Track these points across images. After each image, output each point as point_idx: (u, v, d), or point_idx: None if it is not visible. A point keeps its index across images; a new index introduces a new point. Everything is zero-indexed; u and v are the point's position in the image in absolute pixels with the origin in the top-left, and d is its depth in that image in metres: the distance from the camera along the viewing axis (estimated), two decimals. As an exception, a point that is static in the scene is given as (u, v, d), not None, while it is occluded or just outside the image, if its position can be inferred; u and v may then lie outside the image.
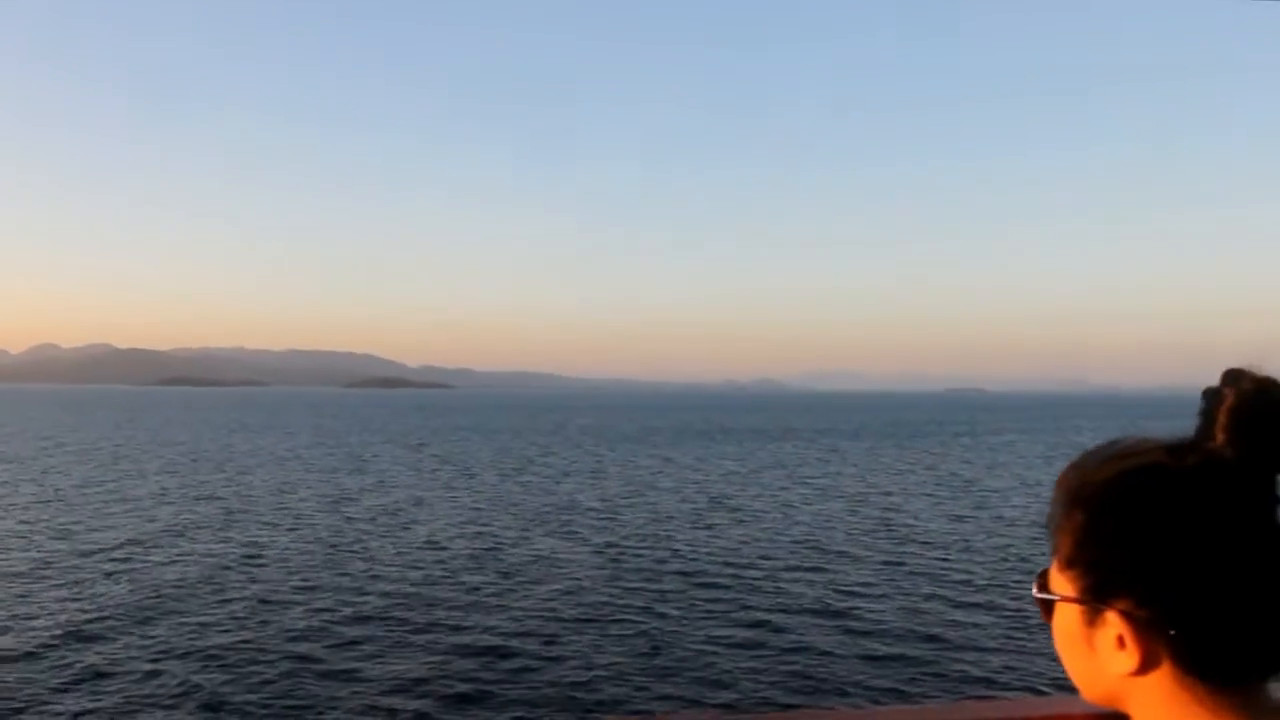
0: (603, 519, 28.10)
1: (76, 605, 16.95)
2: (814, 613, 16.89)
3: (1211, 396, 1.13)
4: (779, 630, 15.75)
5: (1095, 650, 1.14)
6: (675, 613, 16.83)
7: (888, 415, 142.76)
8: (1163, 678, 1.09)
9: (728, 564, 21.10)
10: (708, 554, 22.30)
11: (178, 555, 21.56)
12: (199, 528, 25.63)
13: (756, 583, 19.22)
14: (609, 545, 23.52)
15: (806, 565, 20.94)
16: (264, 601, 17.44)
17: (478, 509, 30.19)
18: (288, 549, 22.58)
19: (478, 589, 18.54)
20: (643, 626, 15.92)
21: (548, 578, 19.63)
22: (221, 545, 22.94)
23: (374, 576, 19.59)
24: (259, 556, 21.59)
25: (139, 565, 20.44)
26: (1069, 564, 1.16)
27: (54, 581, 18.75)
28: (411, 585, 18.83)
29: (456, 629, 15.68)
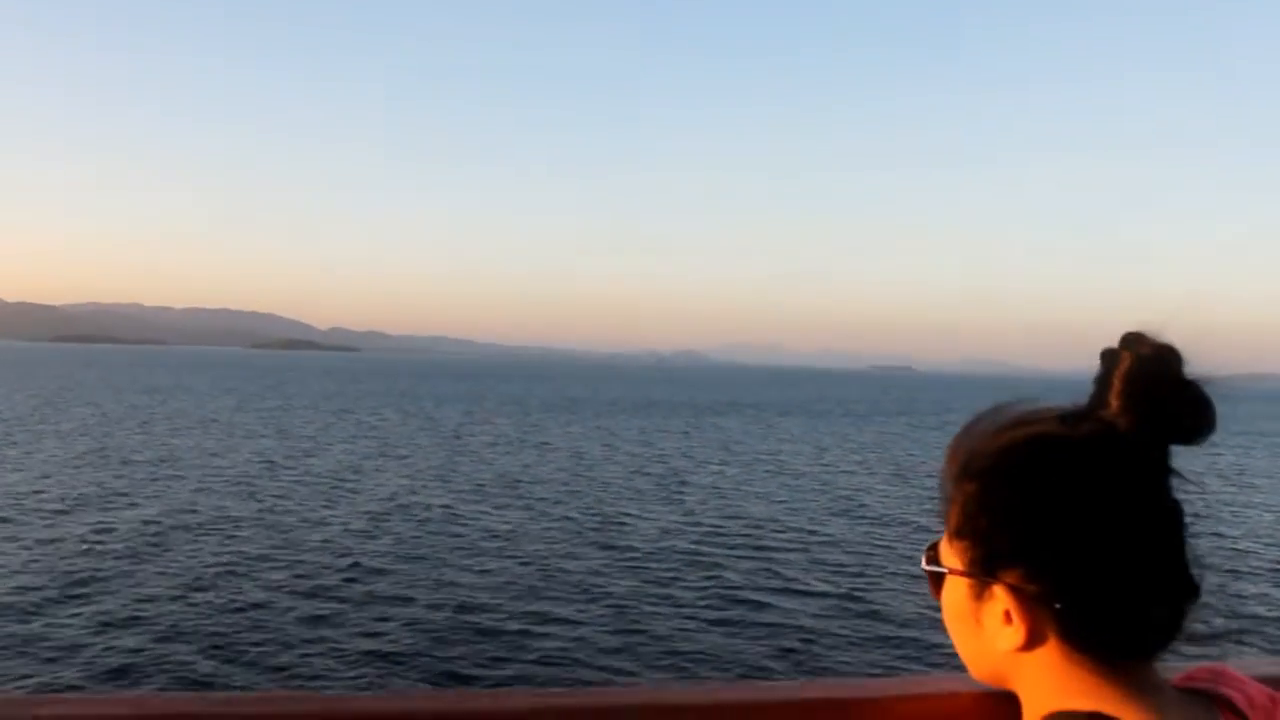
0: (553, 492, 27.79)
1: (8, 574, 16.24)
2: (794, 592, 16.85)
3: (1108, 360, 1.11)
4: (759, 606, 15.77)
5: (982, 625, 1.12)
6: (647, 587, 16.74)
7: (820, 392, 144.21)
8: (1049, 654, 1.08)
9: (697, 540, 20.99)
10: (671, 528, 22.19)
11: (114, 521, 20.76)
12: (129, 493, 24.77)
13: (730, 560, 19.14)
14: (565, 519, 23.28)
15: (783, 546, 20.87)
16: (215, 570, 16.91)
17: (420, 479, 29.69)
18: (231, 517, 21.94)
19: (439, 560, 18.19)
20: (612, 600, 15.85)
21: (507, 550, 19.37)
22: (158, 512, 22.16)
23: (323, 546, 19.16)
24: (201, 524, 20.92)
25: (73, 531, 19.65)
26: (958, 535, 1.14)
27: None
28: (366, 556, 18.44)
29: (415, 600, 15.44)
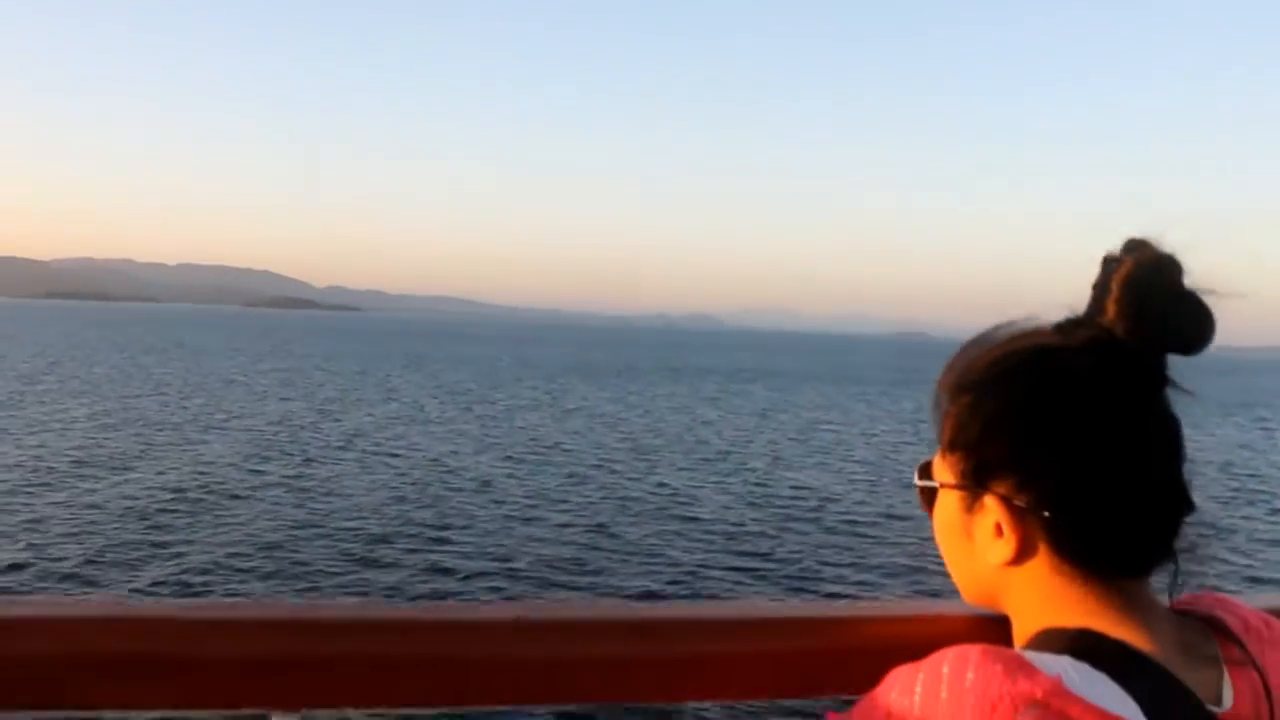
0: (603, 459, 27.81)
1: (65, 538, 16.19)
2: (884, 568, 16.70)
3: (1107, 266, 1.10)
4: (844, 582, 15.66)
5: (973, 539, 1.12)
6: (729, 558, 16.77)
7: (844, 358, 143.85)
8: (1039, 568, 1.07)
9: (772, 513, 20.90)
10: (741, 501, 22.17)
11: (160, 484, 20.68)
12: (168, 456, 24.72)
13: (811, 534, 19.03)
14: (627, 488, 23.24)
15: (865, 521, 20.69)
16: (272, 535, 16.94)
17: (464, 445, 29.71)
18: (275, 481, 22.04)
19: (507, 533, 18.11)
20: (700, 572, 15.84)
21: (581, 521, 19.36)
22: (203, 475, 22.10)
23: (378, 513, 19.23)
24: (247, 488, 20.94)
25: (120, 493, 19.58)
26: (950, 448, 1.14)
27: (14, 509, 18.04)
28: (426, 525, 18.51)
29: (487, 572, 15.42)
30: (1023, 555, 1.07)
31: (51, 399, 36.86)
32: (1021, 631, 1.10)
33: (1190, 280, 1.07)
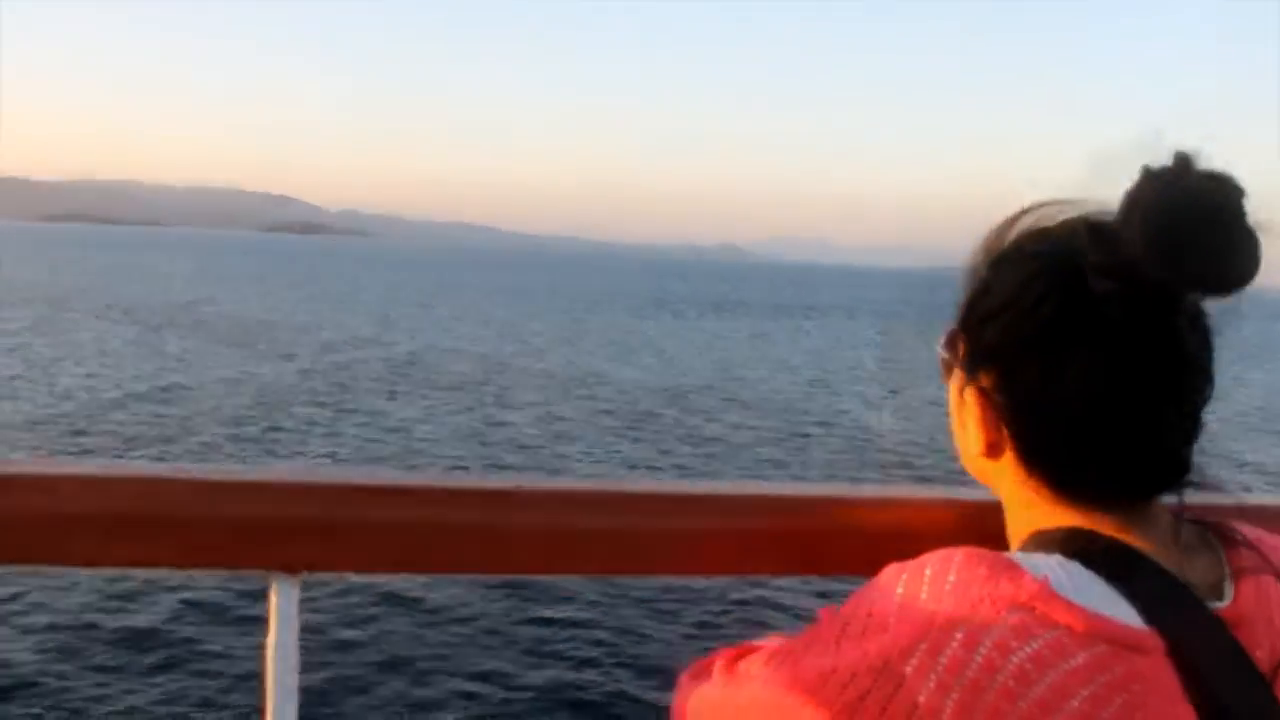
0: (667, 397, 27.67)
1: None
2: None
3: (1143, 178, 0.99)
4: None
5: (965, 420, 1.13)
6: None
7: (905, 295, 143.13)
8: (1012, 468, 1.08)
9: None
10: (828, 443, 21.87)
11: (221, 415, 20.67)
12: (217, 386, 24.80)
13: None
14: (687, 428, 23.13)
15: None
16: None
17: (509, 375, 30.01)
18: (335, 406, 22.28)
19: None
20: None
21: (633, 455, 19.61)
22: (258, 403, 22.13)
23: (433, 436, 19.45)
24: (304, 415, 21.03)
25: (175, 420, 19.75)
26: (959, 325, 1.13)
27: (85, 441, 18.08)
28: (477, 449, 18.97)
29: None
30: (993, 451, 1.08)
31: (89, 326, 37.11)
32: (1014, 530, 1.11)
33: (1247, 208, 0.96)
